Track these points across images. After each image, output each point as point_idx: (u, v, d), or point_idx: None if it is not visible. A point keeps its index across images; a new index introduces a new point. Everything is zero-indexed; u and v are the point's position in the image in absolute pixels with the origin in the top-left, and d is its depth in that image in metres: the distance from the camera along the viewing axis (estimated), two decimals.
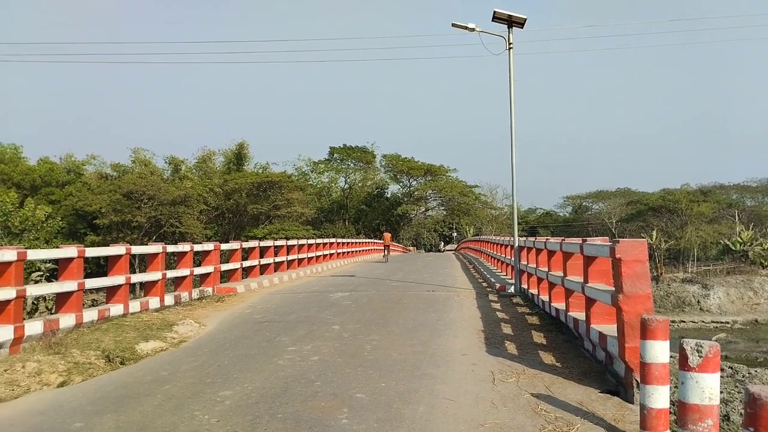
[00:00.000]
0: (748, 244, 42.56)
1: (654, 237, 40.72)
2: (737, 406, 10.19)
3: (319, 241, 24.43)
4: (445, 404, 5.12)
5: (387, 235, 30.37)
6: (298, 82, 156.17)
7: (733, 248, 43.26)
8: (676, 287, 32.89)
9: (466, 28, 13.91)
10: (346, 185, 60.73)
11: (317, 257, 22.69)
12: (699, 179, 72.54)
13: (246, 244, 16.95)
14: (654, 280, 34.27)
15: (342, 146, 60.47)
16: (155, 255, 11.25)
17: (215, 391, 5.60)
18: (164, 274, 11.27)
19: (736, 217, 52.02)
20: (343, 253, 28.00)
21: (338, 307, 11.25)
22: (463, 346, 7.55)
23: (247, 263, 16.36)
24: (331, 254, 25.26)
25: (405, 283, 16.02)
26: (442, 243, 58.63)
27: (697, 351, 3.24)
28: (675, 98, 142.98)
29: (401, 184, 63.08)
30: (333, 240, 27.00)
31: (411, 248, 53.71)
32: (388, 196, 63.83)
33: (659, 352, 4.14)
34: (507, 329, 8.80)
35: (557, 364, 6.65)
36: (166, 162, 47.98)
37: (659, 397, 4.08)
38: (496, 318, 9.80)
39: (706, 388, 3.23)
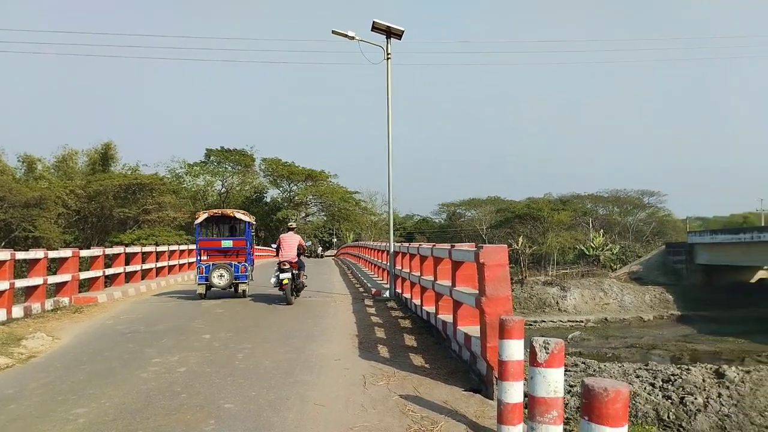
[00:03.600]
0: (600, 249, 46.81)
1: (520, 242, 43.58)
2: None
3: (192, 247, 23.44)
4: (315, 410, 5.13)
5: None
6: (172, 81, 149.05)
7: (587, 253, 47.35)
8: (538, 289, 35.34)
9: (345, 35, 14.07)
10: (224, 189, 58.88)
11: (190, 264, 21.76)
12: (559, 189, 78.50)
13: (110, 251, 15.91)
14: (519, 283, 36.66)
15: (219, 148, 58.58)
16: (2, 263, 10.18)
17: (68, 409, 5.18)
18: (12, 284, 10.23)
19: (590, 224, 57.05)
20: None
21: (210, 315, 10.86)
22: (337, 352, 7.59)
23: (110, 271, 15.34)
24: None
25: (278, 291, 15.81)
26: (321, 248, 58.64)
27: (545, 348, 3.51)
28: (541, 115, 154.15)
29: (281, 188, 62.33)
30: None
31: None
32: (268, 200, 62.77)
33: (515, 350, 4.43)
34: (380, 333, 8.98)
35: (426, 365, 6.89)
36: (19, 160, 43.78)
37: (514, 392, 4.36)
38: (371, 322, 9.97)
39: (552, 381, 3.51)
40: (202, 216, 13.87)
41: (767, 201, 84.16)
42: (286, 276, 12.24)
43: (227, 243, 14.10)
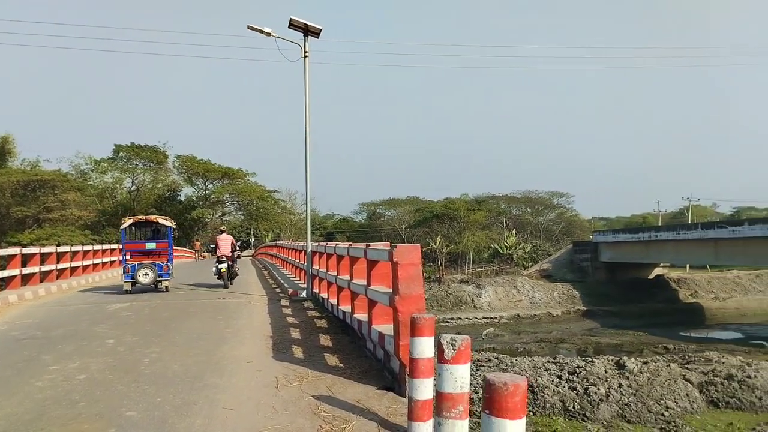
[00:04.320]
0: (513, 248, 48.63)
1: (437, 242, 44.46)
2: None
3: (98, 247, 22.24)
4: (224, 414, 4.98)
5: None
6: (79, 74, 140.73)
7: (501, 252, 49.06)
8: (454, 287, 36.22)
9: (262, 31, 13.80)
10: (134, 187, 56.27)
11: (95, 265, 20.64)
12: (475, 190, 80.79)
13: (4, 251, 14.80)
14: (436, 281, 37.44)
15: (130, 144, 55.87)
16: None
17: None
18: None
19: (504, 224, 59.16)
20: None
21: (116, 319, 10.33)
22: (249, 353, 7.42)
23: (4, 273, 14.27)
24: (113, 261, 23.16)
25: (194, 291, 15.32)
26: (238, 249, 57.26)
27: (452, 345, 3.58)
28: (459, 116, 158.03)
29: (196, 186, 60.32)
30: (116, 246, 24.78)
31: (206, 254, 51.45)
32: (182, 199, 60.58)
33: (425, 347, 4.49)
34: (296, 334, 8.88)
35: (341, 365, 6.87)
36: None
37: (425, 389, 4.41)
38: (286, 323, 9.83)
39: (458, 377, 3.59)
40: (128, 221, 15.95)
41: (664, 203, 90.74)
42: (223, 266, 16.31)
43: (151, 245, 15.81)
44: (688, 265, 47.33)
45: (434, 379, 4.49)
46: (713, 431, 11.90)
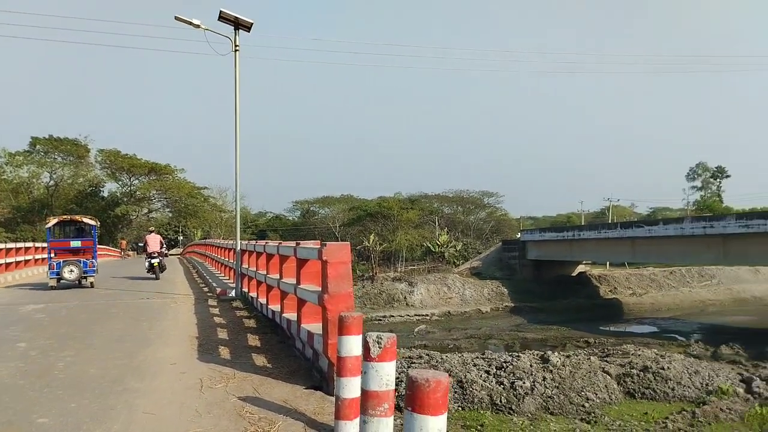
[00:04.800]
0: (445, 246, 49.45)
1: (371, 240, 44.63)
2: None
3: (11, 246, 20.93)
4: (144, 419, 4.79)
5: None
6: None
7: (433, 250, 49.78)
8: (387, 285, 36.44)
9: (190, 23, 13.40)
10: (52, 182, 53.33)
11: (8, 264, 19.43)
12: (409, 189, 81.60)
13: None
14: (370, 279, 37.60)
15: (48, 137, 52.89)
16: None
17: None
18: None
19: (437, 222, 60.08)
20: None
21: (28, 321, 9.76)
22: (173, 355, 7.19)
23: None
24: (28, 261, 21.88)
25: (116, 291, 14.68)
26: (165, 247, 55.43)
27: (378, 343, 3.59)
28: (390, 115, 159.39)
29: (121, 182, 57.89)
30: (32, 245, 23.40)
31: (131, 253, 49.48)
32: (105, 195, 57.99)
33: (353, 345, 4.49)
34: (223, 334, 8.67)
35: (269, 365, 6.77)
36: None
37: (352, 387, 4.41)
38: (213, 323, 9.59)
39: (384, 375, 3.60)
40: (53, 221, 16.42)
41: (587, 203, 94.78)
42: (155, 260, 17.85)
43: (76, 243, 16.39)
44: (608, 263, 49.65)
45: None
46: (630, 421, 12.49)
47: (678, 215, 58.81)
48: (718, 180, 64.06)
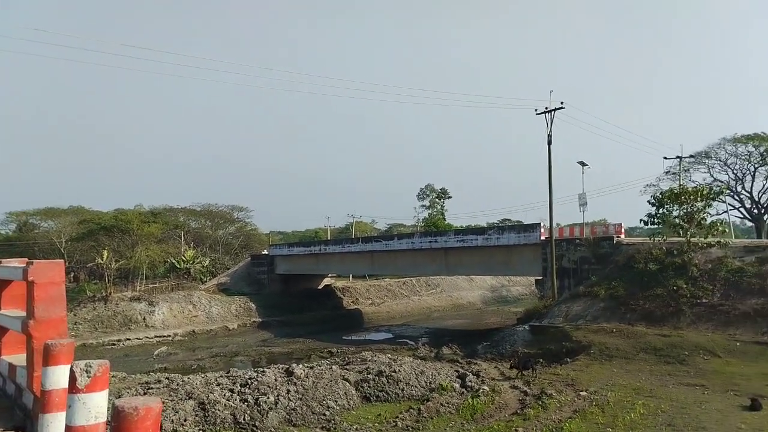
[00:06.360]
0: (191, 262, 47.28)
1: (105, 256, 40.43)
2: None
3: None
4: None
5: None
6: None
7: (178, 266, 47.20)
8: (124, 306, 33.41)
9: None
10: None
11: None
12: (151, 201, 76.32)
13: None
14: (103, 300, 34.00)
15: None
16: None
17: None
18: None
19: (182, 237, 57.10)
20: None
21: None
22: None
23: None
24: None
25: None
26: None
27: (86, 372, 3.21)
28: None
29: None
30: None
31: None
32: None
33: (60, 376, 3.96)
34: None
35: None
36: None
37: (59, 424, 3.88)
38: None
39: (93, 407, 3.23)
40: None
41: (333, 219, 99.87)
42: None
43: None
44: (351, 275, 52.80)
45: None
46: (365, 423, 13.33)
47: (410, 231, 65.25)
48: (441, 200, 72.66)
